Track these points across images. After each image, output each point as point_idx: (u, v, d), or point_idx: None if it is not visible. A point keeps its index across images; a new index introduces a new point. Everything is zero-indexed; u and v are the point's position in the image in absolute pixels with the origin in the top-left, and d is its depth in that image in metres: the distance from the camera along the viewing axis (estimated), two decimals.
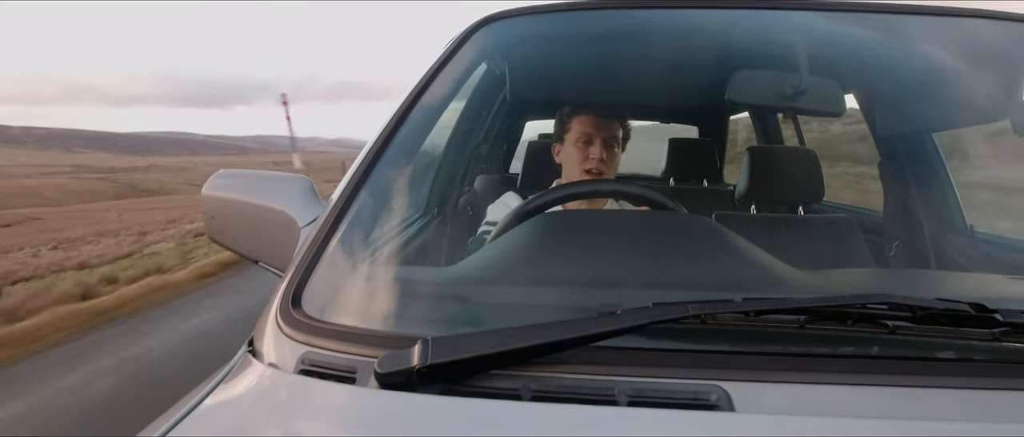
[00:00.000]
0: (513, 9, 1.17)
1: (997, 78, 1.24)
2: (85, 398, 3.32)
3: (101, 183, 42.51)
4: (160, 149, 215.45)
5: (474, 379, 0.57)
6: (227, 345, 0.82)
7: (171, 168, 71.48)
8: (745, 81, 1.41)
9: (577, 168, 1.53)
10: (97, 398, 3.30)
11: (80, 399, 3.32)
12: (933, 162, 1.65)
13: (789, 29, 1.30)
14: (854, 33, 1.28)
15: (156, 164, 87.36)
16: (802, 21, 1.26)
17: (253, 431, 0.57)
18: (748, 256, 0.86)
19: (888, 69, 1.43)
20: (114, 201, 25.18)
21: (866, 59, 1.43)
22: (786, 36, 1.33)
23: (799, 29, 1.30)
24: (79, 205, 21.28)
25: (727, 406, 0.54)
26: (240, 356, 0.71)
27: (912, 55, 1.25)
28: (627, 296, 0.73)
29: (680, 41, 1.41)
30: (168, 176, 50.02)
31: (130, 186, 39.72)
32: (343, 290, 0.78)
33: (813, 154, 1.53)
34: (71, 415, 3.11)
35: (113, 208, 16.72)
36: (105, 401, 3.25)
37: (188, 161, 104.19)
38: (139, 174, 57.79)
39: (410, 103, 1.00)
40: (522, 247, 0.91)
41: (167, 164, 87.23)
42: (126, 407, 3.10)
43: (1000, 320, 0.59)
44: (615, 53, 1.42)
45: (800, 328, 0.61)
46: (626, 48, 1.38)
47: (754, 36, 1.35)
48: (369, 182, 0.89)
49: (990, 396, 0.56)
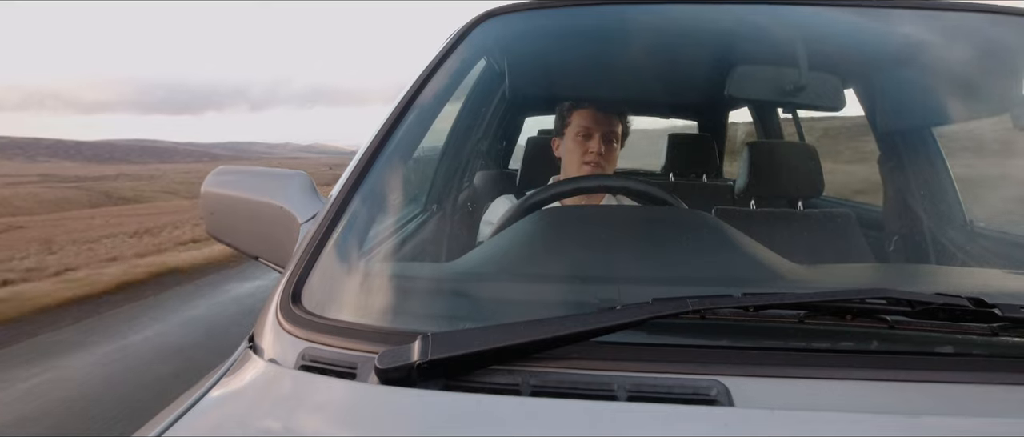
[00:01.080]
0: (512, 4, 1.17)
1: (997, 72, 1.24)
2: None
3: (73, 192, 42.44)
4: (127, 157, 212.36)
5: (474, 374, 0.57)
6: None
7: (141, 176, 71.11)
8: (745, 76, 1.41)
9: (576, 162, 1.53)
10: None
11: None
12: (932, 157, 1.65)
13: (789, 24, 1.30)
14: (854, 28, 1.27)
15: (125, 172, 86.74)
16: (802, 16, 1.26)
17: (254, 427, 0.57)
18: (747, 251, 0.86)
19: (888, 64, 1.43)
20: (89, 209, 25.13)
21: (866, 54, 1.43)
22: (786, 31, 1.33)
23: (799, 24, 1.30)
24: (57, 214, 21.24)
25: (726, 401, 0.54)
26: (240, 352, 0.71)
27: (912, 50, 1.25)
28: (626, 291, 0.73)
29: (680, 36, 1.41)
30: (141, 184, 49.95)
31: (104, 194, 39.64)
32: (343, 286, 0.78)
33: (813, 149, 1.53)
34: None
35: (96, 215, 16.70)
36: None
37: (157, 169, 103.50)
38: (110, 182, 57.54)
39: (409, 99, 1.00)
40: (522, 243, 0.91)
41: (136, 172, 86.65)
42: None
43: (999, 315, 0.59)
44: (614, 49, 1.41)
45: (799, 323, 0.61)
46: (625, 43, 1.38)
47: (754, 31, 1.35)
48: (369, 178, 0.89)
49: (989, 390, 0.56)
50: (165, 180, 53.91)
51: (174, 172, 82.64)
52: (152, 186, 44.64)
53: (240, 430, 0.57)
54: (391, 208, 0.99)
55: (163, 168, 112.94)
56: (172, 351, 3.95)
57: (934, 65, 1.25)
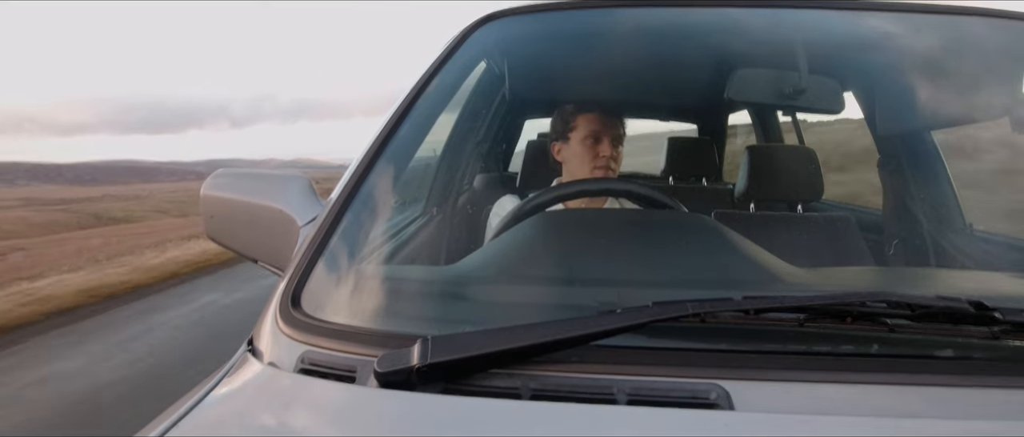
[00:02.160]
0: (512, 8, 1.17)
1: (996, 76, 1.24)
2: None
3: (61, 214, 42.41)
4: (110, 178, 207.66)
5: (474, 378, 0.57)
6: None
7: (126, 197, 70.69)
8: (744, 79, 1.41)
9: (586, 166, 1.52)
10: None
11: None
12: (932, 160, 1.65)
13: (788, 27, 1.30)
14: (853, 31, 1.28)
15: (110, 193, 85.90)
16: (802, 19, 1.26)
17: (253, 430, 0.57)
18: (748, 255, 0.86)
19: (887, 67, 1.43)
20: (78, 231, 25.19)
21: (865, 57, 1.43)
22: (785, 34, 1.33)
23: (799, 27, 1.30)
24: (50, 235, 21.36)
25: (726, 405, 0.54)
26: (240, 355, 0.71)
27: (911, 53, 1.25)
28: (627, 295, 0.73)
29: (680, 40, 1.41)
30: (130, 204, 49.90)
31: (94, 216, 39.60)
32: (343, 289, 0.78)
33: (812, 152, 1.53)
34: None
35: (92, 236, 16.75)
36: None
37: (142, 189, 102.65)
38: (96, 204, 57.19)
39: (409, 102, 1.00)
40: (522, 246, 0.91)
41: (121, 193, 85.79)
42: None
43: (999, 318, 0.59)
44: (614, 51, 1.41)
45: (799, 326, 0.61)
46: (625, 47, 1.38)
47: (753, 35, 1.35)
48: (368, 181, 0.89)
49: (989, 394, 0.56)
50: (152, 200, 54.02)
51: (160, 191, 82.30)
52: (142, 206, 44.80)
53: (239, 433, 0.57)
54: (391, 211, 0.99)
55: (148, 188, 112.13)
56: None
57: (933, 68, 1.25)
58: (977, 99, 1.30)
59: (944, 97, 1.37)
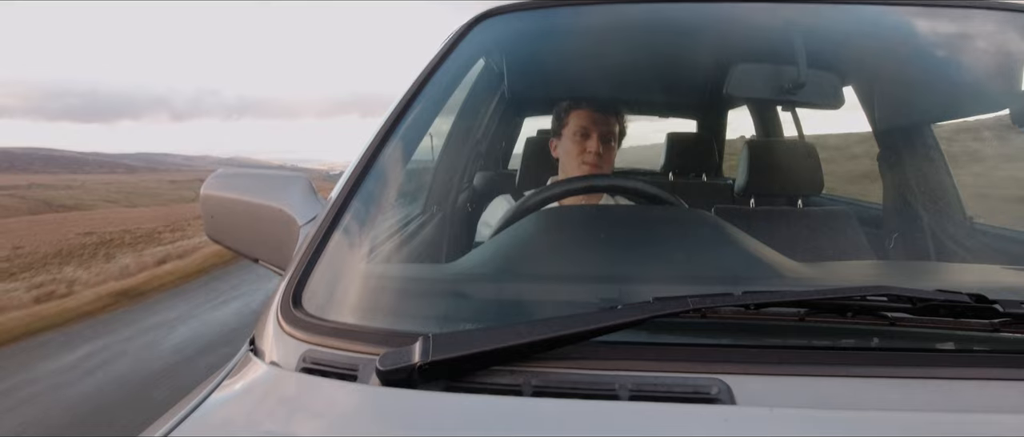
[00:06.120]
0: (510, 4, 1.17)
1: (996, 69, 1.24)
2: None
3: (9, 200, 41.77)
4: (29, 167, 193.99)
5: (475, 375, 0.57)
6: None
7: (57, 186, 68.60)
8: (743, 75, 1.41)
9: (574, 162, 1.53)
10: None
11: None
12: (932, 154, 1.65)
13: (787, 22, 1.30)
14: (852, 25, 1.27)
15: (37, 182, 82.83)
16: (800, 14, 1.26)
17: (255, 430, 0.57)
18: (748, 249, 0.86)
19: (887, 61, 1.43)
20: (29, 216, 24.88)
21: (864, 51, 1.43)
22: (784, 29, 1.33)
23: (797, 22, 1.30)
24: (7, 218, 21.08)
25: (728, 399, 0.54)
26: (241, 355, 0.71)
27: (911, 46, 1.25)
28: (627, 291, 0.73)
29: (678, 35, 1.41)
30: (74, 193, 48.98)
31: (44, 202, 39.08)
32: (344, 288, 0.78)
33: (812, 147, 1.53)
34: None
35: (65, 221, 16.61)
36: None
37: (72, 179, 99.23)
38: (36, 192, 55.86)
39: (408, 100, 1.00)
40: (522, 243, 0.91)
41: (50, 182, 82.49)
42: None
43: (1000, 311, 0.59)
44: (613, 48, 1.41)
45: (800, 321, 0.61)
46: (624, 43, 1.38)
47: (752, 30, 1.35)
48: (368, 180, 0.89)
49: (990, 386, 0.56)
50: (89, 190, 53.04)
51: (94, 183, 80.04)
52: (89, 195, 44.26)
53: (243, 433, 0.57)
54: (391, 209, 0.99)
55: (78, 178, 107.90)
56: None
57: (933, 62, 1.25)
58: (977, 92, 1.30)
59: (944, 91, 1.37)
